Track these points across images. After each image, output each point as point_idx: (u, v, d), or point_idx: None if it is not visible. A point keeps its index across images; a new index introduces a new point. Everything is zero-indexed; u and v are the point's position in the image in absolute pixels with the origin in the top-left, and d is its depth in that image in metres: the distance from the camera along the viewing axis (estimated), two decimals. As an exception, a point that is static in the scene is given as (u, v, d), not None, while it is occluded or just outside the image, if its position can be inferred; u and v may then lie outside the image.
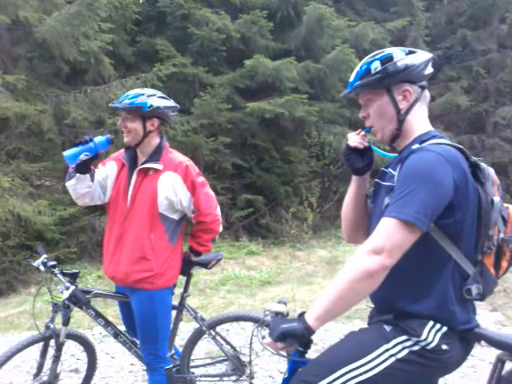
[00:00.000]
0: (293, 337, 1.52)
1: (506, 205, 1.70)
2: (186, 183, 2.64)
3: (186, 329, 4.10)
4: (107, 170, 2.78)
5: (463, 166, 1.55)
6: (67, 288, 2.66)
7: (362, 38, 10.52)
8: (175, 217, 2.69)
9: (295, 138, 9.97)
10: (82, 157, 2.56)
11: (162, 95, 2.74)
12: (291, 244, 8.66)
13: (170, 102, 2.73)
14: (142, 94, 2.64)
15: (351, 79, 1.74)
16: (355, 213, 1.90)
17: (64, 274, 2.75)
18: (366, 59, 1.73)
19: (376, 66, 1.67)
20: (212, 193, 2.80)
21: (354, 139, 1.81)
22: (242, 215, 9.23)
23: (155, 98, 2.66)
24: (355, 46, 10.01)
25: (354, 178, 1.88)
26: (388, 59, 1.67)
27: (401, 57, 1.67)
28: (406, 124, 1.69)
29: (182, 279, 2.90)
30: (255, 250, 8.28)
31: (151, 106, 2.61)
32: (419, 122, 1.70)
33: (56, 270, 2.74)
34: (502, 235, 1.64)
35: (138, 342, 2.84)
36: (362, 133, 1.80)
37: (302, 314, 1.56)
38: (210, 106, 8.65)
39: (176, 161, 2.67)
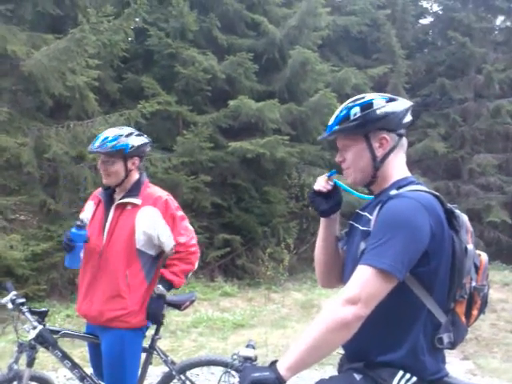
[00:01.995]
0: None
1: (478, 252, 1.70)
2: (166, 217, 2.61)
3: (153, 373, 4.03)
4: (87, 211, 2.79)
5: (439, 213, 1.56)
6: (34, 327, 2.61)
7: (345, 83, 10.83)
8: (152, 253, 2.66)
9: (275, 178, 10.10)
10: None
11: (137, 132, 2.74)
12: (267, 286, 8.65)
13: (146, 138, 2.74)
14: (121, 135, 2.62)
15: (330, 122, 1.74)
16: (326, 255, 1.89)
17: (32, 313, 2.70)
18: (346, 104, 1.73)
19: (355, 111, 1.67)
20: (191, 227, 2.77)
21: (319, 183, 1.84)
22: (219, 255, 9.20)
23: (134, 137, 2.65)
24: (337, 91, 10.28)
25: (322, 220, 1.88)
26: (368, 106, 1.67)
27: (381, 104, 1.67)
28: (382, 170, 1.69)
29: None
30: (230, 291, 8.24)
31: (132, 146, 2.61)
32: (396, 167, 1.71)
33: (24, 308, 2.69)
34: (473, 283, 1.64)
35: None
36: (325, 177, 1.84)
37: (273, 363, 1.52)
38: (192, 145, 8.72)
39: (155, 195, 2.65)
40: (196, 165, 9.06)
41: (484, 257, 1.72)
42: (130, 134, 2.66)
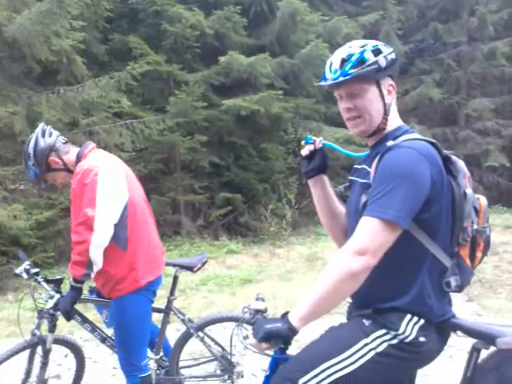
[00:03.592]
0: (277, 337, 1.53)
1: (477, 195, 1.73)
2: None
3: (168, 329, 4.07)
4: None
5: (438, 160, 1.58)
6: (51, 297, 2.62)
7: (336, 33, 10.58)
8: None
9: (272, 134, 9.99)
10: None
11: None
12: (271, 241, 8.68)
13: None
14: None
15: (335, 67, 1.64)
16: (325, 217, 1.94)
17: (48, 281, 2.70)
18: (349, 48, 1.66)
19: (369, 56, 1.62)
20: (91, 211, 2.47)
21: (304, 149, 1.90)
22: (221, 214, 9.22)
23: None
24: (329, 41, 10.04)
25: (309, 182, 1.93)
26: (378, 51, 1.64)
27: (388, 51, 1.66)
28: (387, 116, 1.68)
29: (167, 282, 2.87)
30: (235, 249, 8.28)
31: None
32: (395, 114, 1.72)
33: (39, 278, 2.70)
34: (475, 226, 1.67)
35: None
36: (303, 143, 1.90)
37: (285, 314, 1.57)
38: (185, 104, 8.58)
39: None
40: (191, 125, 8.94)
41: (483, 200, 1.74)
42: None
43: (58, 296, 2.62)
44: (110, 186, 2.46)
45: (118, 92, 7.72)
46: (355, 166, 1.83)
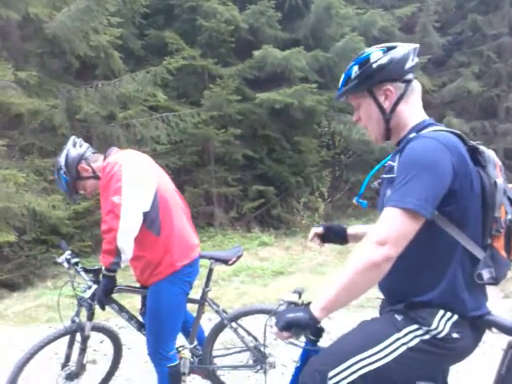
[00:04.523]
0: (298, 326, 1.54)
1: (511, 185, 1.68)
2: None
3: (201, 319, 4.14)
4: None
5: (462, 151, 1.55)
6: (89, 287, 2.70)
7: (371, 26, 10.43)
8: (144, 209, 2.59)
9: (305, 127, 9.95)
10: None
11: None
12: (303, 234, 8.67)
13: None
14: None
15: (341, 84, 1.77)
16: None
17: (86, 271, 2.78)
18: (350, 64, 1.76)
19: (355, 70, 1.70)
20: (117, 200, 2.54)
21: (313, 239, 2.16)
22: (254, 206, 9.27)
23: None
24: (364, 34, 9.93)
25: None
26: (364, 62, 1.68)
27: (377, 57, 1.67)
28: (395, 120, 1.70)
29: (202, 274, 2.93)
30: (267, 241, 8.32)
31: None
32: (411, 113, 1.70)
33: (79, 268, 2.79)
34: (509, 216, 1.62)
35: None
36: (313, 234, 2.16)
37: (307, 304, 1.60)
38: (219, 98, 8.65)
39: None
40: (225, 118, 9.00)
41: None
42: None
43: (95, 286, 2.69)
44: (136, 174, 2.54)
45: (154, 86, 7.87)
46: (385, 164, 1.83)
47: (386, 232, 1.47)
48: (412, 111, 1.70)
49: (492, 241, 1.60)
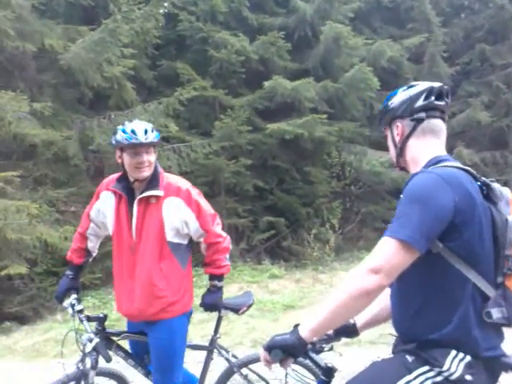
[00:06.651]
0: (283, 348, 1.55)
1: None
2: (191, 206, 2.59)
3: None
4: (105, 203, 2.74)
5: (467, 186, 1.56)
6: (90, 340, 2.61)
7: (380, 56, 10.49)
8: (184, 242, 2.66)
9: (315, 158, 9.95)
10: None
11: None
12: (314, 267, 8.58)
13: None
14: (151, 127, 2.69)
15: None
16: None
17: (90, 319, 2.71)
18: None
19: (381, 106, 1.90)
20: (213, 211, 2.76)
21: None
22: (264, 238, 9.22)
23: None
24: (373, 64, 9.99)
25: None
26: (388, 99, 1.84)
27: (393, 98, 1.81)
28: (405, 155, 1.77)
29: (211, 320, 2.89)
30: (277, 274, 8.21)
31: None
32: (423, 151, 1.72)
33: (82, 316, 2.70)
34: None
35: None
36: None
37: (296, 326, 1.61)
38: (230, 129, 8.68)
39: (175, 185, 2.64)
40: (235, 149, 9.02)
41: None
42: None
43: (96, 341, 2.60)
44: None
45: (166, 117, 7.91)
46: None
47: (381, 261, 1.49)
48: (423, 148, 1.72)
49: (504, 279, 1.59)
